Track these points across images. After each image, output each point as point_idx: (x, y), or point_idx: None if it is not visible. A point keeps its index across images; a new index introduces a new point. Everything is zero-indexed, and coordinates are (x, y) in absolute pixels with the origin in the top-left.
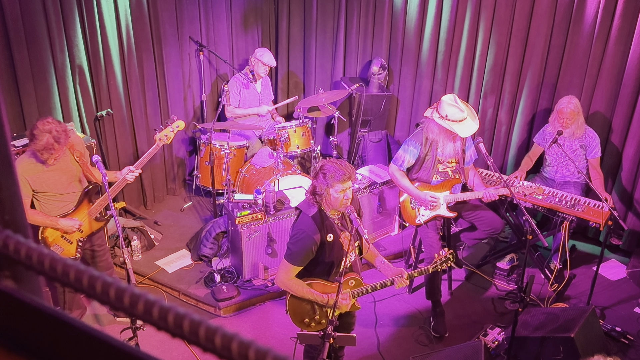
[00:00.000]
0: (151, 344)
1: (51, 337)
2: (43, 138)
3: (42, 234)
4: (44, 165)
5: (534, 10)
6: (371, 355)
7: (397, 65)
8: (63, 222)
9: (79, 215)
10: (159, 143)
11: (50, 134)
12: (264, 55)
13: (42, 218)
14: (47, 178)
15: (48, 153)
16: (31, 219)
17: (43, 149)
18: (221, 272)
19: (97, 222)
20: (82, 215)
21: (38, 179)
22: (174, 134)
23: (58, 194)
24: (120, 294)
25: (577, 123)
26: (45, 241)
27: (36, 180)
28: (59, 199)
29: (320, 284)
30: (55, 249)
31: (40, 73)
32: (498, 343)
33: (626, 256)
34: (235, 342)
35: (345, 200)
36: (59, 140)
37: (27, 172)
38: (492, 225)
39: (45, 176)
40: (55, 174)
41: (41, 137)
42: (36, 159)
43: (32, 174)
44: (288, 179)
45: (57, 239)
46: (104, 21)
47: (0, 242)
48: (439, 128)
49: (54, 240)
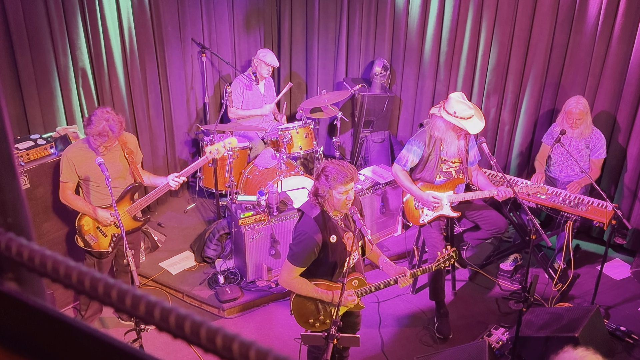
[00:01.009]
0: (155, 345)
1: (54, 339)
2: (100, 124)
3: (78, 221)
4: (95, 153)
5: (536, 9)
6: (375, 355)
7: (400, 65)
8: (101, 212)
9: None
10: (209, 156)
11: (107, 122)
12: (266, 56)
13: (82, 204)
14: (94, 166)
15: (101, 139)
16: (72, 204)
17: (97, 134)
18: (225, 273)
19: (134, 221)
20: (120, 211)
21: (85, 165)
22: (224, 149)
23: (101, 185)
24: (122, 296)
25: (585, 123)
26: (81, 229)
27: (82, 166)
28: (101, 191)
29: (324, 284)
30: (89, 238)
31: (43, 76)
32: (502, 343)
33: (630, 255)
34: (236, 342)
35: (347, 201)
36: (113, 129)
37: (76, 157)
38: (496, 225)
39: (93, 164)
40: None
41: (98, 123)
42: (89, 146)
43: (81, 159)
44: (291, 180)
45: (92, 229)
46: (107, 23)
47: (3, 245)
48: (446, 125)
49: (89, 229)
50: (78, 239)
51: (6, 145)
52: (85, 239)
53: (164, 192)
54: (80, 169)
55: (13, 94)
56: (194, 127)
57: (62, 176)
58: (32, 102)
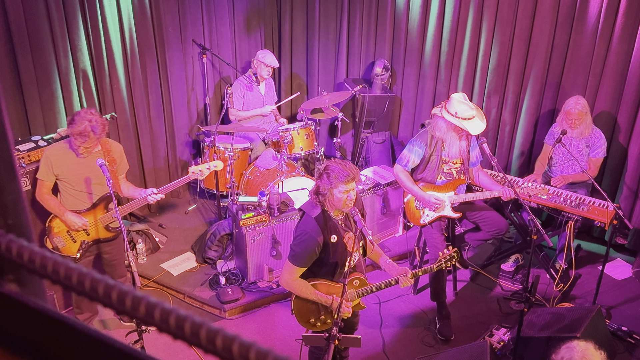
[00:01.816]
0: (157, 346)
1: (55, 341)
2: (81, 124)
3: (49, 222)
4: (75, 155)
5: (536, 9)
6: (376, 355)
7: (400, 66)
8: (69, 215)
9: (87, 218)
10: (191, 176)
11: (90, 123)
12: (266, 57)
13: (54, 205)
14: (72, 168)
15: (82, 139)
16: (46, 203)
17: (78, 134)
18: (226, 274)
19: (107, 231)
20: (92, 219)
21: (63, 165)
22: (209, 172)
23: (76, 190)
24: (122, 297)
25: (585, 123)
26: (50, 230)
27: (60, 166)
28: (76, 195)
29: (325, 284)
30: (57, 241)
31: (44, 77)
32: (504, 343)
33: (632, 255)
34: (236, 343)
35: (348, 201)
36: (95, 130)
37: (55, 155)
38: (497, 225)
39: (70, 165)
40: (80, 167)
41: (80, 123)
42: (70, 146)
43: (59, 158)
44: (292, 180)
45: (62, 232)
46: (107, 25)
47: (3, 246)
48: (448, 126)
49: (59, 232)
50: (47, 241)
51: (7, 146)
52: (54, 241)
53: (140, 206)
54: (57, 169)
55: (14, 96)
56: (194, 128)
57: (38, 173)
58: (33, 104)
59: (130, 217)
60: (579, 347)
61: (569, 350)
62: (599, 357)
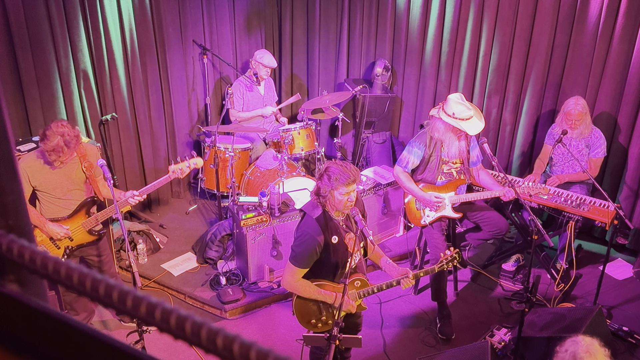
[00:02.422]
0: (158, 347)
1: (56, 340)
2: (54, 140)
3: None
4: (50, 167)
5: (537, 9)
6: (377, 356)
7: (401, 66)
8: (50, 226)
9: (71, 224)
10: (171, 175)
11: (62, 137)
12: (264, 58)
13: (34, 216)
14: (49, 179)
15: (56, 155)
16: None
17: (52, 150)
18: (227, 274)
19: (90, 235)
20: (74, 225)
21: (40, 177)
22: (189, 169)
23: (56, 197)
24: (123, 297)
25: (585, 123)
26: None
27: (37, 178)
28: (56, 203)
29: (327, 285)
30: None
31: (45, 78)
32: (505, 343)
33: (632, 255)
34: (236, 343)
35: (349, 203)
36: (69, 144)
37: (30, 168)
38: (497, 226)
39: (47, 177)
40: (57, 177)
41: (52, 138)
42: (44, 159)
43: (35, 170)
44: (292, 181)
45: (44, 240)
46: (108, 26)
47: (4, 246)
48: (445, 127)
49: (41, 240)
50: None
51: (8, 147)
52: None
53: (122, 208)
54: (34, 180)
55: (15, 96)
56: (195, 129)
57: None
58: (33, 104)
59: (131, 218)
60: (584, 341)
61: (574, 343)
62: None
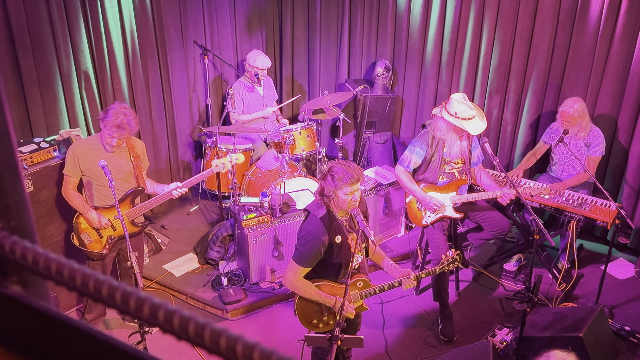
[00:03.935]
0: (160, 347)
1: (59, 342)
2: (118, 117)
3: (76, 219)
4: (103, 150)
5: (538, 9)
6: (379, 356)
7: (402, 66)
8: (92, 214)
9: (115, 213)
10: (214, 169)
11: (125, 117)
12: (256, 60)
13: (79, 202)
14: (97, 163)
15: (120, 132)
16: (71, 200)
17: (117, 127)
18: (228, 275)
19: (133, 226)
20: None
21: (89, 161)
22: (231, 164)
23: (102, 185)
24: (126, 298)
25: (579, 125)
26: (78, 226)
27: (86, 162)
28: (102, 191)
29: (328, 285)
30: (84, 237)
31: (46, 79)
32: (506, 343)
33: (634, 255)
34: (240, 344)
35: (353, 202)
36: (130, 124)
37: (81, 152)
38: (499, 225)
39: (96, 160)
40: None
41: (116, 116)
42: (100, 141)
43: (86, 154)
44: (294, 181)
45: (88, 228)
46: (109, 27)
47: (7, 248)
48: (448, 126)
49: (85, 228)
50: (74, 237)
51: (10, 148)
52: (81, 237)
53: (165, 200)
54: (84, 164)
55: (16, 97)
56: (196, 130)
57: (65, 169)
58: (35, 106)
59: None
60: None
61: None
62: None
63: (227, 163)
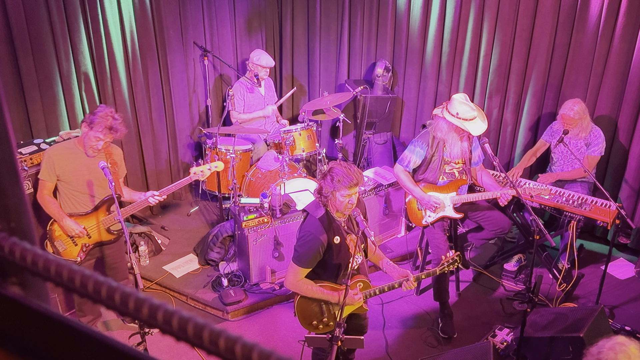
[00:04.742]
0: (160, 348)
1: (59, 343)
2: (107, 120)
3: (50, 225)
4: (81, 155)
5: (537, 9)
6: (380, 357)
7: (402, 66)
8: (67, 221)
9: (90, 220)
10: (192, 177)
11: (114, 120)
12: (260, 59)
13: (54, 209)
14: (74, 169)
15: (111, 134)
16: (46, 206)
17: (109, 129)
18: (228, 276)
19: (108, 233)
20: (93, 222)
21: (65, 165)
22: (210, 172)
23: (76, 191)
24: (125, 299)
25: (580, 127)
26: (52, 233)
27: (62, 166)
28: (76, 197)
29: (329, 286)
30: (58, 244)
31: (46, 81)
32: (507, 344)
33: (634, 255)
34: (239, 344)
35: (349, 205)
36: (119, 127)
37: (57, 156)
38: (500, 225)
39: (73, 167)
40: (83, 169)
41: (105, 118)
42: (78, 145)
43: (62, 158)
44: (294, 182)
45: (63, 235)
46: (109, 28)
47: (6, 249)
48: (449, 126)
49: (60, 235)
50: (47, 245)
51: (9, 149)
52: (55, 245)
53: (142, 208)
54: (60, 169)
55: (16, 99)
56: (196, 130)
57: (40, 174)
58: (35, 107)
59: (132, 220)
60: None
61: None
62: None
63: (206, 171)
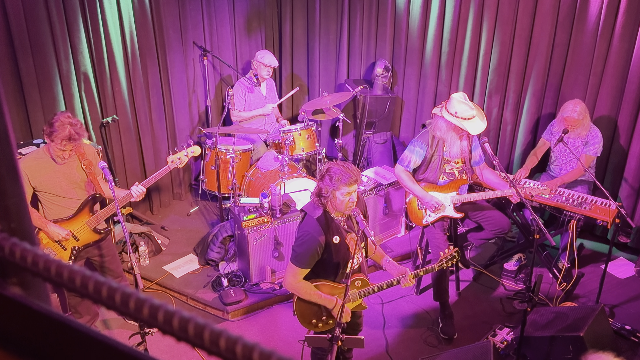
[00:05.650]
0: (160, 348)
1: (59, 343)
2: (65, 129)
3: (36, 234)
4: (53, 163)
5: (537, 8)
6: (379, 356)
7: (401, 66)
8: (51, 227)
9: (75, 224)
10: (170, 165)
11: (72, 127)
12: (265, 57)
13: (35, 217)
14: (49, 178)
15: (72, 144)
16: None
17: (67, 139)
18: (228, 276)
19: (95, 233)
20: (79, 224)
21: (39, 176)
22: (187, 158)
23: (58, 196)
24: (126, 299)
25: (583, 126)
26: (39, 242)
27: (37, 177)
28: (58, 202)
29: (328, 285)
30: (47, 252)
31: (46, 81)
32: (507, 343)
33: (634, 254)
34: (239, 344)
35: (350, 203)
36: (78, 133)
37: (29, 169)
38: (500, 225)
39: (47, 176)
40: (57, 175)
41: (63, 128)
42: (44, 158)
43: (34, 170)
44: (294, 182)
45: (50, 242)
46: (108, 28)
47: (7, 250)
48: (448, 126)
49: (47, 243)
50: None
51: (9, 150)
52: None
53: (125, 202)
54: (34, 180)
55: (16, 99)
56: (196, 130)
57: None
58: (34, 107)
59: (132, 220)
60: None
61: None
62: None
63: (183, 157)
